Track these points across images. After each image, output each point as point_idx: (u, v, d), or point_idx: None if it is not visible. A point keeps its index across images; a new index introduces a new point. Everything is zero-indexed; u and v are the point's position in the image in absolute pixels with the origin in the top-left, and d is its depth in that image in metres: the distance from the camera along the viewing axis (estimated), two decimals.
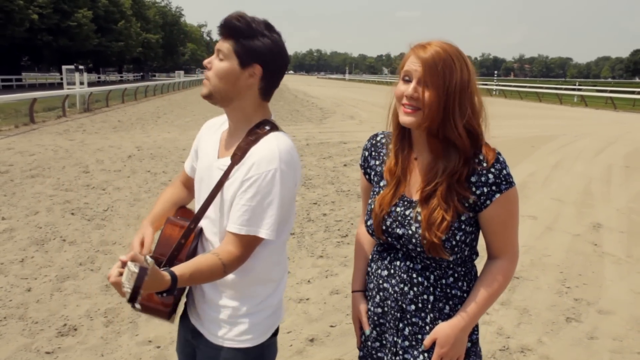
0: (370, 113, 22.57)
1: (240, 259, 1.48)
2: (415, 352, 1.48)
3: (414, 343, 1.49)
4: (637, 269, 4.95)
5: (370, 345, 1.60)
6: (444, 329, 1.43)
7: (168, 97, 33.25)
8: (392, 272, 1.52)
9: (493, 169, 1.39)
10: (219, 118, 1.72)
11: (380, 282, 1.55)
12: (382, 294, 1.55)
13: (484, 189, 1.40)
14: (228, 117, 1.61)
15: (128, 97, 27.67)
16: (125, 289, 1.19)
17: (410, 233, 1.44)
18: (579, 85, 49.32)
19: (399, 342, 1.51)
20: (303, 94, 39.11)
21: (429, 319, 1.47)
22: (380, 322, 1.56)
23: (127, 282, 1.19)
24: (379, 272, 1.56)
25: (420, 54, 1.36)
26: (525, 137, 14.78)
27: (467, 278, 1.50)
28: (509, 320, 3.81)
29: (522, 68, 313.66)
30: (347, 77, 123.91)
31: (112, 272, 1.26)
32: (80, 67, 23.04)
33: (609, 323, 3.84)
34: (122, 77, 64.60)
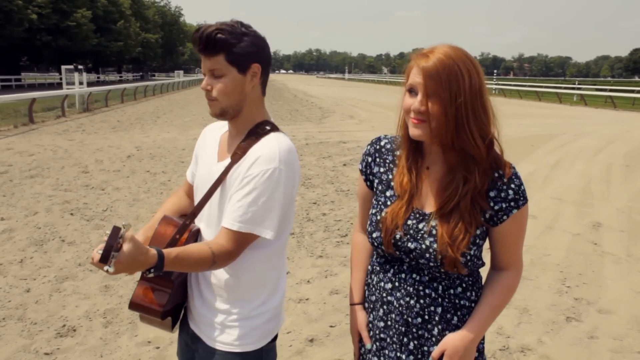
0: (370, 112, 22.58)
1: (231, 255, 1.44)
2: None
3: (420, 357, 1.45)
4: (637, 268, 4.95)
5: (373, 356, 1.55)
6: (454, 340, 1.39)
7: (167, 97, 33.22)
8: (397, 284, 1.46)
9: (513, 185, 1.35)
10: (218, 123, 1.70)
11: (384, 295, 1.49)
12: (385, 308, 1.49)
13: (503, 205, 1.36)
14: (233, 124, 1.57)
15: (127, 97, 27.66)
16: (97, 251, 1.17)
17: (424, 247, 1.38)
18: (579, 84, 49.27)
19: (403, 357, 1.46)
20: (302, 94, 39.10)
21: (436, 331, 1.43)
22: (381, 336, 1.51)
23: (98, 249, 1.19)
24: (382, 284, 1.50)
25: (422, 64, 1.29)
26: (525, 136, 14.77)
27: (475, 287, 1.47)
28: (509, 320, 3.80)
29: (521, 67, 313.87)
30: (346, 76, 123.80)
31: (94, 253, 1.25)
32: (80, 67, 23.09)
33: (609, 322, 3.84)
34: (121, 77, 64.53)
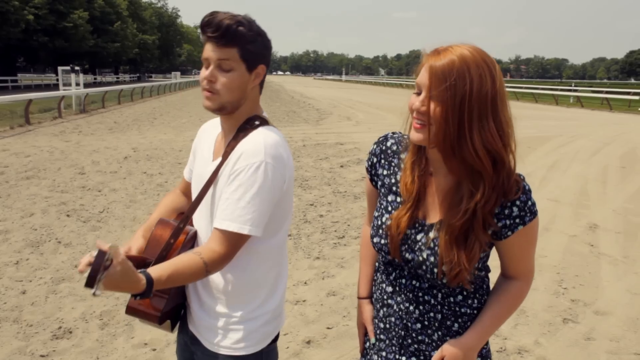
0: (367, 114, 22.59)
1: (225, 258, 1.38)
2: None
3: (422, 358, 1.43)
4: (633, 270, 4.96)
5: (373, 354, 1.54)
6: (453, 347, 1.36)
7: (164, 98, 33.18)
8: (397, 289, 1.44)
9: (518, 202, 1.27)
10: (214, 120, 1.67)
11: (385, 297, 1.48)
12: (385, 310, 1.48)
13: (507, 222, 1.29)
14: (225, 120, 1.53)
15: (124, 98, 27.61)
16: (85, 274, 1.17)
17: (421, 260, 1.34)
18: (575, 86, 49.49)
19: (403, 359, 1.44)
20: (300, 95, 39.10)
21: (437, 337, 1.40)
22: (381, 337, 1.50)
23: (84, 268, 1.19)
24: (383, 286, 1.49)
25: (431, 63, 1.22)
26: (522, 137, 14.51)
27: (477, 294, 1.41)
28: (506, 322, 3.79)
29: (518, 69, 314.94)
30: (343, 78, 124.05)
31: (82, 260, 1.22)
32: (76, 68, 23.04)
33: (606, 324, 3.85)
34: (118, 78, 64.47)
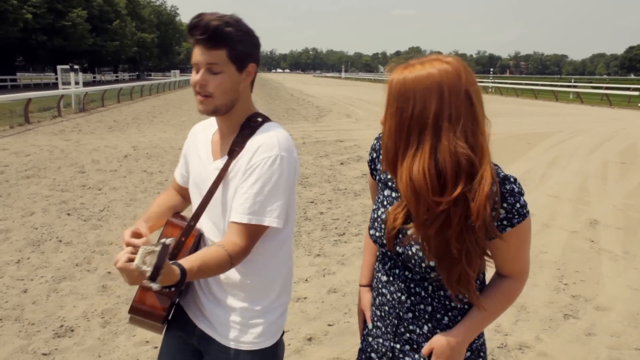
0: (367, 111, 22.57)
1: (245, 250, 1.41)
2: (417, 355, 1.45)
3: (415, 346, 1.45)
4: (633, 265, 4.97)
5: (371, 340, 1.58)
6: (441, 340, 1.37)
7: (164, 96, 33.15)
8: (391, 279, 1.47)
9: (505, 204, 1.25)
10: (204, 122, 1.68)
11: (380, 286, 1.51)
12: (380, 299, 1.51)
13: (495, 223, 1.27)
14: (222, 120, 1.53)
15: (124, 96, 27.59)
16: (145, 268, 1.13)
17: (410, 254, 1.36)
18: (575, 82, 49.49)
19: (397, 347, 1.47)
20: (299, 93, 39.07)
21: (427, 329, 1.42)
22: (378, 324, 1.53)
23: (141, 262, 1.14)
24: (379, 275, 1.52)
25: (391, 77, 1.23)
26: (521, 134, 14.80)
27: None
28: (507, 318, 3.81)
29: (517, 65, 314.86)
30: (343, 75, 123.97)
31: (120, 256, 1.20)
32: (76, 67, 23.08)
33: (607, 319, 3.85)
34: (117, 76, 64.36)
